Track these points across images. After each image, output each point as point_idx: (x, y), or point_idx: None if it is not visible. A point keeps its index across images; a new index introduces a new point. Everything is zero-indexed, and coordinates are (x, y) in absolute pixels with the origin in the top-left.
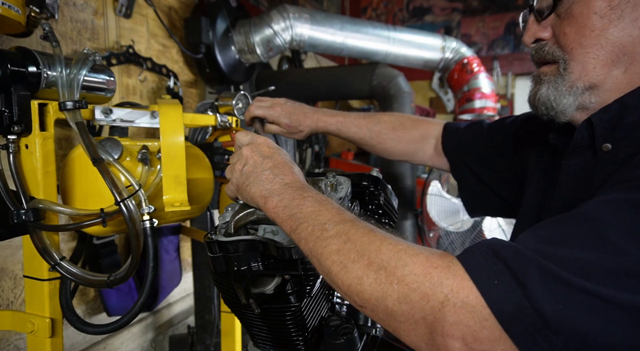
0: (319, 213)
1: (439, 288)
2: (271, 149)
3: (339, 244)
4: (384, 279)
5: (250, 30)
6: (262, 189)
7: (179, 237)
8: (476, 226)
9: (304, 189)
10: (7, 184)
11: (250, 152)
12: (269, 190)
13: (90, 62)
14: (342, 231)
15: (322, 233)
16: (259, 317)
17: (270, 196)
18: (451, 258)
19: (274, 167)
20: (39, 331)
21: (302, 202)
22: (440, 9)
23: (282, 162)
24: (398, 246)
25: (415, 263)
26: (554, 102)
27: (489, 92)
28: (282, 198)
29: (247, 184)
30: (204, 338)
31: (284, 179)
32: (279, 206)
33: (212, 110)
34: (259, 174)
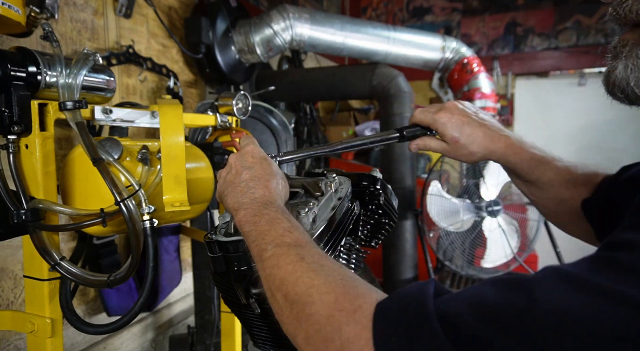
0: (267, 232)
1: (338, 334)
2: (254, 160)
3: (270, 268)
4: (296, 315)
5: (250, 30)
6: (234, 200)
7: (179, 237)
8: (476, 226)
9: (266, 205)
10: (7, 184)
11: (235, 160)
12: (239, 203)
13: (90, 62)
14: (276, 254)
15: (262, 253)
16: (259, 317)
17: (240, 209)
18: (364, 302)
19: (250, 180)
20: (39, 331)
21: (259, 219)
22: (440, 9)
23: (260, 175)
24: (314, 280)
25: (322, 302)
26: (636, 86)
27: (489, 92)
28: (246, 212)
29: (226, 193)
30: (204, 338)
31: (255, 193)
32: (242, 221)
33: (212, 110)
34: (236, 184)
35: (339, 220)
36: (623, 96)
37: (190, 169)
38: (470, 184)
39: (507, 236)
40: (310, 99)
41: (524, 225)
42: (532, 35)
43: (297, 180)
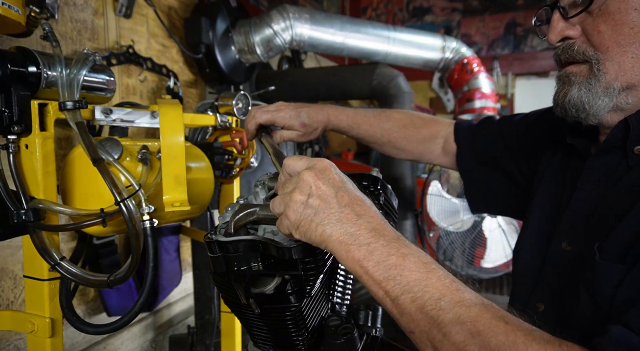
0: (428, 281)
1: None
2: (342, 178)
3: (465, 336)
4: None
5: (250, 30)
6: (341, 232)
7: (179, 237)
8: (476, 226)
9: (399, 240)
10: (7, 184)
11: (316, 178)
12: (353, 235)
13: (90, 62)
14: (466, 317)
15: (438, 312)
16: (259, 317)
17: (355, 243)
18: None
19: (354, 204)
20: (39, 331)
21: (402, 262)
22: (440, 9)
23: (360, 198)
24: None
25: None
26: (587, 104)
27: (489, 92)
28: (372, 248)
29: (318, 222)
30: (204, 338)
31: (371, 222)
32: (370, 261)
33: (212, 110)
34: (334, 210)
35: None
36: (574, 110)
37: (190, 169)
38: None
39: (507, 236)
40: (310, 99)
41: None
42: (532, 36)
43: None
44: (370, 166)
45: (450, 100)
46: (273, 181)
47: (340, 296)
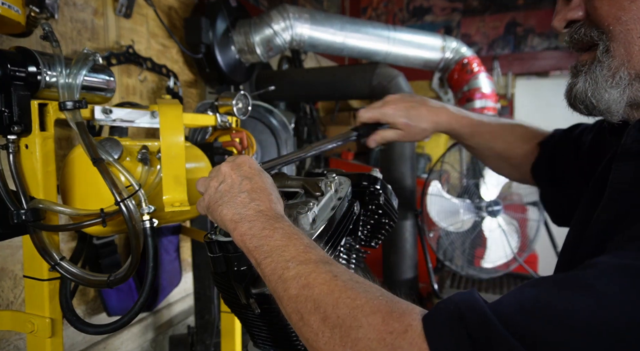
0: (286, 248)
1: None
2: (253, 170)
3: (298, 288)
4: (339, 340)
5: (250, 30)
6: (234, 212)
7: (179, 237)
8: (476, 226)
9: (277, 219)
10: (7, 184)
11: (230, 170)
12: (241, 215)
13: (90, 62)
14: (304, 272)
15: (283, 272)
16: (259, 317)
17: (241, 221)
18: (412, 319)
19: (252, 191)
20: (39, 331)
21: (272, 233)
22: (440, 9)
23: (261, 186)
24: (356, 301)
25: (370, 325)
26: (593, 97)
27: (489, 92)
28: (252, 225)
29: (220, 203)
30: (204, 338)
31: (260, 205)
32: (247, 234)
33: (212, 110)
34: (234, 195)
35: (339, 220)
36: (583, 107)
37: (190, 169)
38: (470, 184)
39: (507, 236)
40: (310, 99)
41: (524, 225)
42: (532, 35)
43: (297, 180)
44: (370, 166)
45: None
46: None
47: None
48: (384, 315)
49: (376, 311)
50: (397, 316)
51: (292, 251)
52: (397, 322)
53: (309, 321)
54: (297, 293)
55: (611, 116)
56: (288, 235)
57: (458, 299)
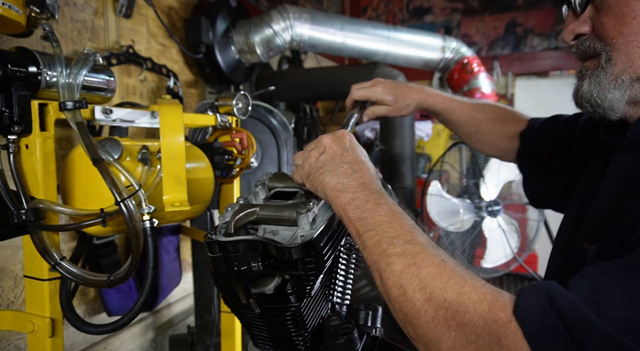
0: (391, 224)
1: (498, 346)
2: (352, 144)
3: (403, 265)
4: (442, 321)
5: (250, 30)
6: (337, 181)
7: (179, 237)
8: (476, 226)
9: (380, 194)
10: (7, 184)
11: (331, 141)
12: (344, 185)
13: (91, 63)
14: (411, 251)
15: (388, 247)
16: (259, 317)
17: (345, 191)
18: (510, 306)
19: (354, 163)
20: (39, 331)
21: (376, 208)
22: (440, 9)
23: (361, 159)
24: (464, 287)
25: (476, 311)
26: (598, 98)
27: (489, 92)
28: (355, 196)
29: (322, 172)
30: (204, 338)
31: (363, 178)
32: (351, 205)
33: (212, 110)
34: (337, 165)
35: (339, 220)
36: (588, 105)
37: (190, 169)
38: (470, 184)
39: (507, 236)
40: (310, 99)
41: (524, 225)
42: (532, 35)
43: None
44: None
45: None
46: (273, 181)
47: (340, 296)
48: (490, 303)
49: (483, 299)
50: (502, 306)
51: (398, 229)
52: (502, 312)
53: (413, 298)
54: (402, 269)
55: (612, 113)
56: (392, 212)
57: (543, 287)
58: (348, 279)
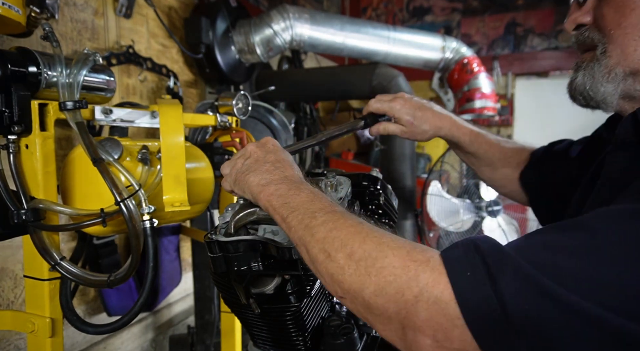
0: (312, 202)
1: (415, 282)
2: (275, 147)
3: (325, 232)
4: (364, 270)
5: (250, 30)
6: (260, 178)
7: (179, 237)
8: (476, 226)
9: (302, 182)
10: (7, 184)
11: (255, 147)
12: (268, 180)
13: (91, 62)
14: (331, 219)
15: (311, 220)
16: (259, 317)
17: (268, 185)
18: (433, 253)
19: (276, 162)
20: (39, 331)
21: (298, 192)
22: (440, 9)
23: (284, 159)
24: (382, 238)
25: (395, 255)
26: (591, 90)
27: (489, 92)
28: (278, 187)
29: (247, 173)
30: (204, 338)
31: (284, 172)
32: (274, 195)
33: (212, 110)
34: (260, 165)
35: None
36: (581, 98)
37: (190, 169)
38: (470, 184)
39: (508, 236)
40: (310, 99)
41: (524, 225)
42: (532, 36)
43: None
44: (370, 166)
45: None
46: None
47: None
48: (409, 249)
49: (401, 246)
50: (420, 251)
51: (319, 205)
52: (420, 254)
53: (336, 258)
54: (325, 235)
55: (606, 107)
56: (314, 193)
57: (473, 237)
58: None
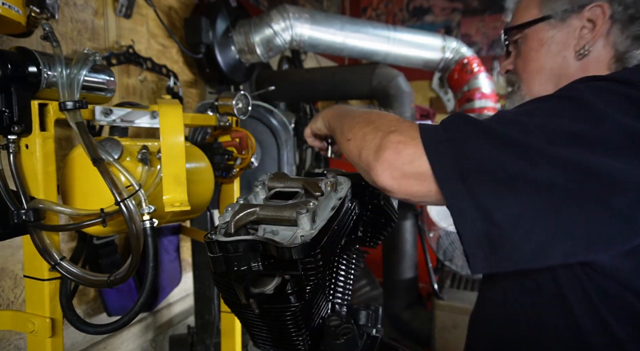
0: (351, 115)
1: (396, 134)
2: None
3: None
4: (370, 134)
5: (250, 30)
6: None
7: (179, 237)
8: None
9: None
10: (7, 184)
11: None
12: None
13: (91, 62)
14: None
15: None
16: (259, 317)
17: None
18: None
19: None
20: (39, 331)
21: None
22: (440, 9)
23: None
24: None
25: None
26: None
27: (489, 92)
28: (341, 118)
29: None
30: (204, 338)
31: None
32: (337, 123)
33: (212, 110)
34: None
35: (339, 220)
36: None
37: (190, 169)
38: None
39: None
40: (310, 99)
41: None
42: None
43: (297, 180)
44: None
45: (450, 100)
46: (273, 181)
47: (340, 296)
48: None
49: (394, 118)
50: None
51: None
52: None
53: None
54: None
55: None
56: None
57: None
58: (348, 279)
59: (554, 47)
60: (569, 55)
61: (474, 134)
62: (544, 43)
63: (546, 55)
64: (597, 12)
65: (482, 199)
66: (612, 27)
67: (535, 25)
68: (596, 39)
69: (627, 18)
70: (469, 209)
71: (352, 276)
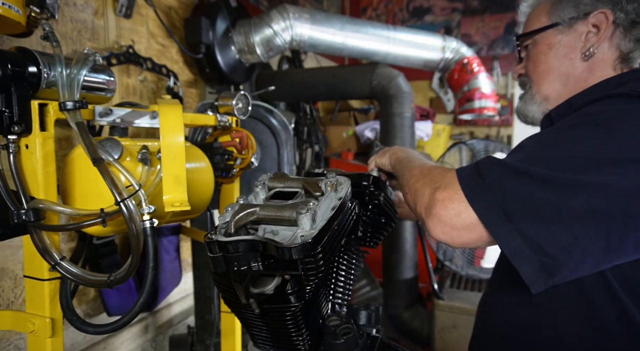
0: (412, 161)
1: (441, 177)
2: None
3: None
4: (421, 182)
5: (250, 30)
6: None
7: (179, 237)
8: None
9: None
10: (7, 184)
11: None
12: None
13: (91, 62)
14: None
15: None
16: (259, 317)
17: (399, 160)
18: None
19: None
20: (39, 331)
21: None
22: (440, 9)
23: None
24: (436, 169)
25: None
26: (525, 110)
27: (489, 92)
28: (401, 160)
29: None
30: (204, 338)
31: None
32: (400, 164)
33: (212, 110)
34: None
35: (339, 220)
36: (522, 116)
37: (190, 169)
38: None
39: None
40: (310, 99)
41: None
42: None
43: (297, 180)
44: None
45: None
46: (273, 181)
47: (340, 296)
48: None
49: (441, 170)
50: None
51: (420, 163)
52: (450, 172)
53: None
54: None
55: (534, 122)
56: (419, 158)
57: None
58: (348, 279)
59: (562, 50)
60: (576, 57)
61: (509, 177)
62: (552, 46)
63: (554, 57)
64: (601, 18)
65: (531, 236)
66: (615, 31)
67: (544, 32)
68: (601, 41)
69: (629, 23)
70: (522, 247)
71: (352, 276)
